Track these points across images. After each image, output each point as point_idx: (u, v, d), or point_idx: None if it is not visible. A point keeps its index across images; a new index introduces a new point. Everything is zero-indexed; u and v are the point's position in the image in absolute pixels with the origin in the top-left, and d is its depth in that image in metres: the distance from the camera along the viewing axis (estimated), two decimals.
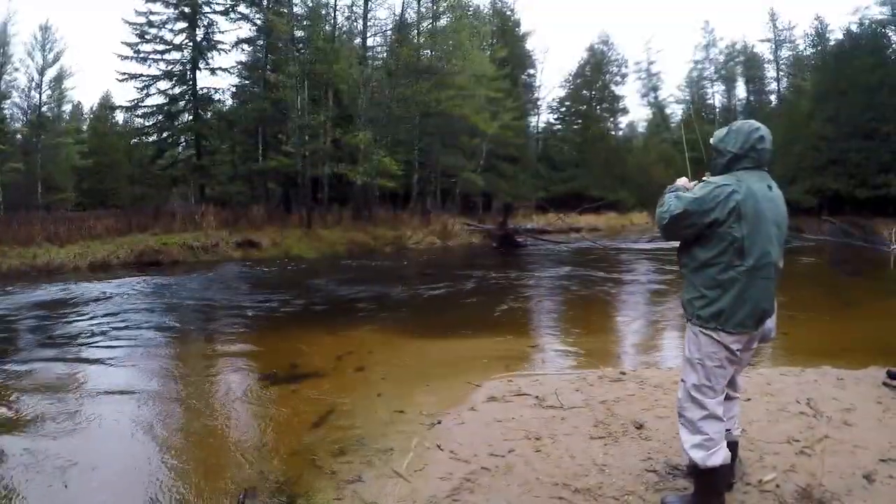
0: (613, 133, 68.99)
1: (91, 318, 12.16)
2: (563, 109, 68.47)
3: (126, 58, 37.05)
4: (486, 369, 7.76)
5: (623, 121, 72.01)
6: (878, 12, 49.49)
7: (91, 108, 65.64)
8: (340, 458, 5.07)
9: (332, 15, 38.14)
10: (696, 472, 3.77)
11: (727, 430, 3.86)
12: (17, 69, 44.34)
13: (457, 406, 6.15)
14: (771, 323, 3.92)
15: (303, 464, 5.03)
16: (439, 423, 5.67)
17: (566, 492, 4.14)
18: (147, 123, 40.28)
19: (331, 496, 4.33)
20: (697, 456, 3.67)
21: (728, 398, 3.90)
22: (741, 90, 70.60)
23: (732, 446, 3.93)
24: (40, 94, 45.93)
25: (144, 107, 39.00)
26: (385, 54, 40.20)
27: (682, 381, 3.83)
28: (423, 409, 6.09)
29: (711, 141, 3.90)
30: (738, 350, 3.68)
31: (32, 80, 45.34)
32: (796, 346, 9.08)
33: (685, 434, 3.77)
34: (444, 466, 4.68)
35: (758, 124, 3.74)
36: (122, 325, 11.49)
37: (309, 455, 5.20)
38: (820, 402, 5.80)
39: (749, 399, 5.87)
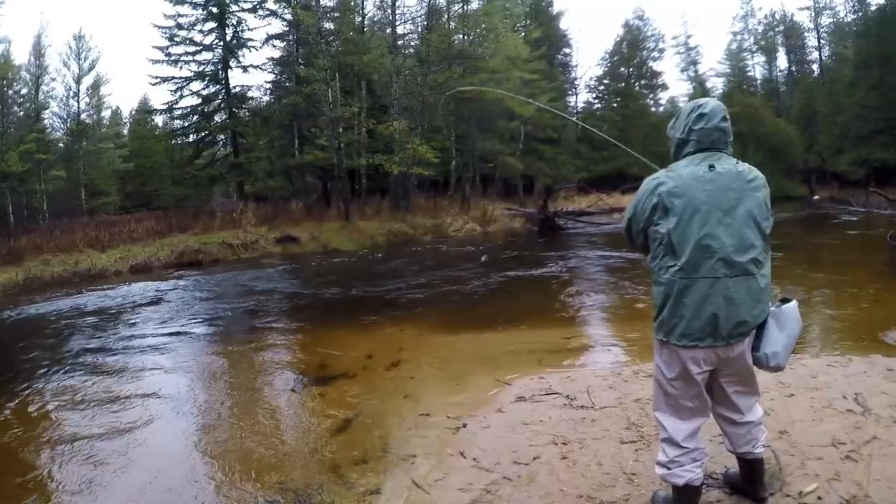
0: (654, 110, 67.84)
1: (124, 324, 12.20)
2: (602, 88, 67.37)
3: (157, 61, 37.28)
4: (517, 365, 7.50)
5: (663, 97, 70.70)
6: None
7: (130, 112, 66.36)
8: (362, 466, 4.92)
9: (362, 5, 37.87)
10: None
11: (744, 448, 3.46)
12: (53, 79, 44.83)
13: (483, 407, 5.91)
14: (772, 346, 3.14)
15: (324, 473, 4.89)
16: (464, 426, 5.44)
17: None
18: (184, 124, 40.45)
19: None
20: (657, 471, 3.44)
21: (728, 421, 3.44)
22: (782, 61, 69.20)
23: (756, 464, 3.55)
24: (78, 101, 46.38)
25: (179, 108, 39.17)
26: (416, 42, 39.85)
27: None
28: (450, 412, 5.87)
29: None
30: (698, 373, 3.18)
31: (70, 88, 45.80)
32: (846, 329, 8.67)
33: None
34: (466, 476, 4.45)
35: (702, 101, 3.31)
36: (152, 330, 11.47)
37: (331, 463, 5.06)
38: (869, 398, 5.34)
39: (792, 395, 5.54)
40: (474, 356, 8.26)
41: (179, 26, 36.87)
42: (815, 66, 66.60)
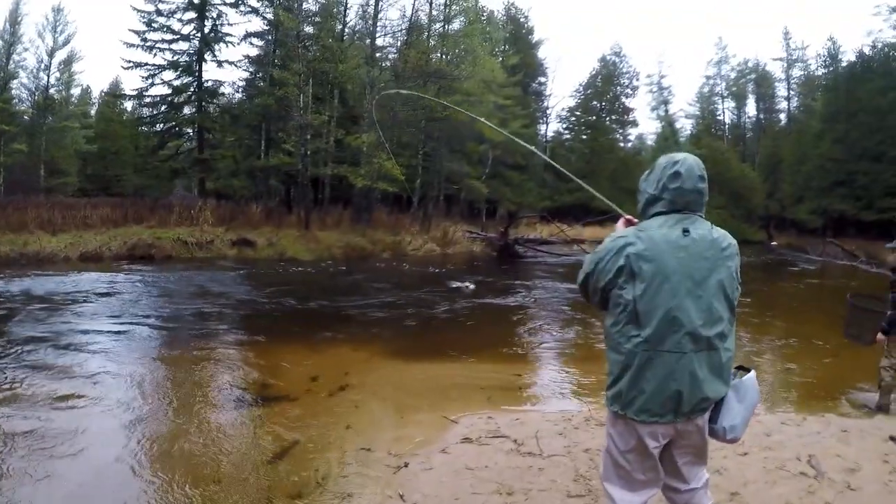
0: (622, 145, 68.50)
1: (67, 315, 11.88)
2: (573, 119, 67.84)
3: (132, 45, 36.70)
4: (466, 400, 7.35)
5: (632, 133, 71.63)
6: (892, 35, 49.97)
7: (101, 93, 65.25)
8: (297, 502, 4.68)
9: (344, 13, 37.69)
10: None
11: None
12: (26, 49, 44.12)
13: (428, 446, 5.71)
14: (731, 419, 2.98)
15: None
16: (406, 465, 5.23)
17: None
18: (152, 113, 39.88)
19: None
20: None
21: (671, 489, 3.21)
22: (752, 108, 70.77)
23: None
24: (48, 75, 45.63)
25: (148, 96, 38.63)
26: (394, 55, 39.76)
27: None
28: (392, 448, 5.66)
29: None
30: (654, 447, 2.97)
31: (41, 61, 45.09)
32: (801, 385, 8.70)
33: None
34: None
35: (679, 157, 3.04)
36: (96, 325, 11.17)
37: (265, 495, 4.82)
38: (822, 461, 5.28)
39: (746, 453, 5.44)
40: (423, 387, 8.07)
41: (159, 12, 36.42)
42: (783, 116, 68.42)
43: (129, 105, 55.92)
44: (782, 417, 6.75)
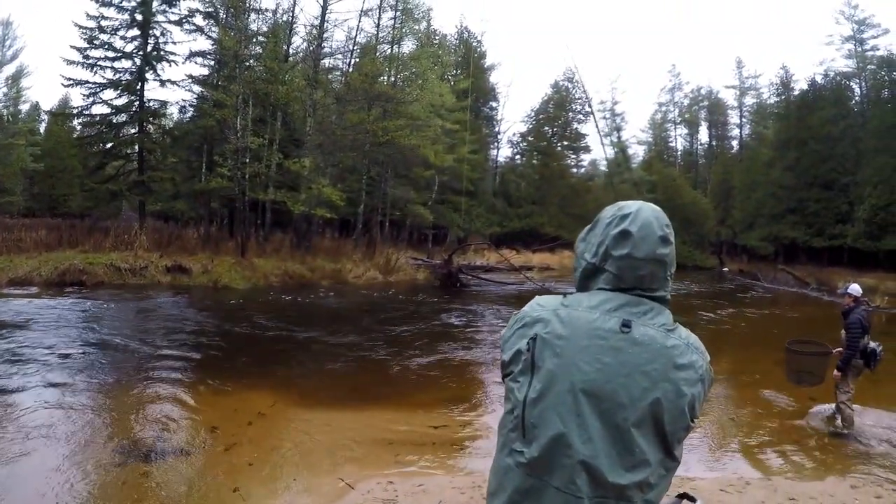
0: (574, 171, 68.80)
1: None
2: (524, 145, 68.00)
3: (73, 63, 35.73)
4: (370, 458, 6.82)
5: (585, 159, 72.08)
6: (844, 65, 52.33)
7: (50, 110, 64.08)
8: None
9: (289, 33, 37.09)
10: None
11: None
12: None
13: None
14: None
15: None
16: None
17: None
18: (92, 133, 38.92)
19: None
20: None
21: None
22: (704, 134, 71.86)
23: None
24: None
25: (88, 115, 37.65)
26: (340, 77, 39.31)
27: None
28: None
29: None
30: None
31: None
32: (747, 432, 8.41)
33: None
34: None
35: (631, 208, 2.02)
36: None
37: None
38: None
39: None
40: (328, 441, 7.47)
41: (101, 29, 35.43)
42: (734, 143, 69.83)
43: (77, 123, 55.01)
44: (721, 482, 6.24)
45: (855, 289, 8.38)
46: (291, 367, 11.94)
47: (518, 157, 69.35)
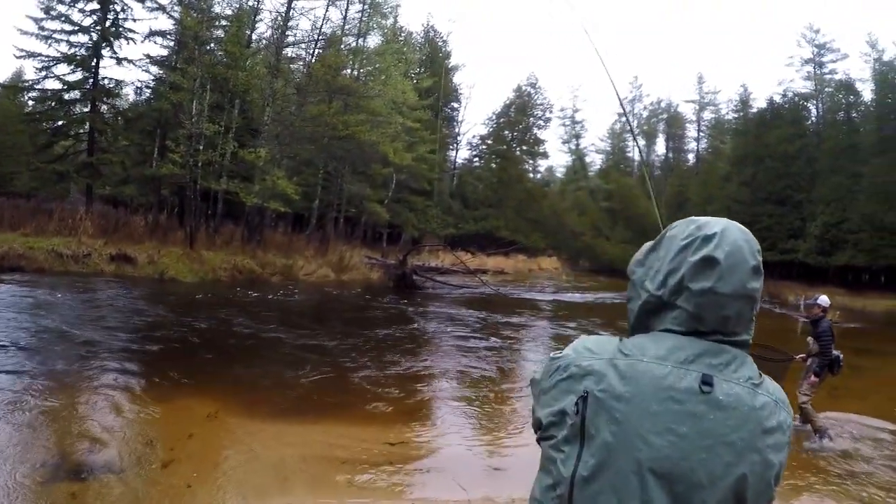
0: (531, 176, 68.94)
1: None
2: (483, 147, 67.93)
3: (27, 33, 34.42)
4: (319, 481, 6.28)
5: (542, 164, 72.38)
6: (802, 86, 53.94)
7: (2, 83, 61.92)
8: None
9: (253, 19, 36.14)
10: None
11: None
12: None
13: None
14: None
15: None
16: None
17: None
18: (41, 108, 37.63)
19: None
20: None
21: None
22: (661, 146, 72.86)
23: None
24: None
25: (38, 90, 36.37)
26: (301, 67, 38.55)
27: None
28: None
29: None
30: None
31: None
32: None
33: None
34: None
35: (715, 227, 1.53)
36: None
37: None
38: None
39: None
40: (273, 459, 6.81)
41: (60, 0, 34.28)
42: (691, 156, 70.71)
43: (28, 98, 53.33)
44: None
45: (824, 300, 9.20)
46: (237, 370, 11.21)
47: (476, 159, 69.41)
